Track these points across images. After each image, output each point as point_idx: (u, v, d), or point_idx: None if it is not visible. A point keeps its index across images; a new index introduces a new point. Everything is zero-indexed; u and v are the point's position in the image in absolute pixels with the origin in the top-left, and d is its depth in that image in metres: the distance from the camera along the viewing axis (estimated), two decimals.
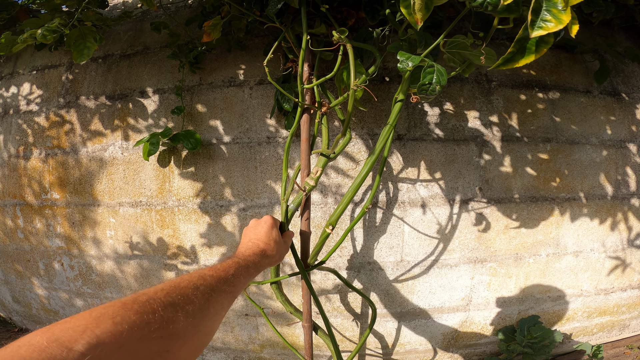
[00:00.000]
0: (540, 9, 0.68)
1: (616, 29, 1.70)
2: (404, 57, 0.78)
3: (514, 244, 1.45)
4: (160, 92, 1.53)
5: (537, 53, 0.73)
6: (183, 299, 0.42)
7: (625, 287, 1.58)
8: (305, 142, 1.04)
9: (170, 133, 1.38)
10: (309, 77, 1.08)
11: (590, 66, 1.53)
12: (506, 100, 1.40)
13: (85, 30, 1.23)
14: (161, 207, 1.49)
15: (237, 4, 1.14)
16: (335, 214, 1.02)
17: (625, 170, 1.49)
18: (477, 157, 1.37)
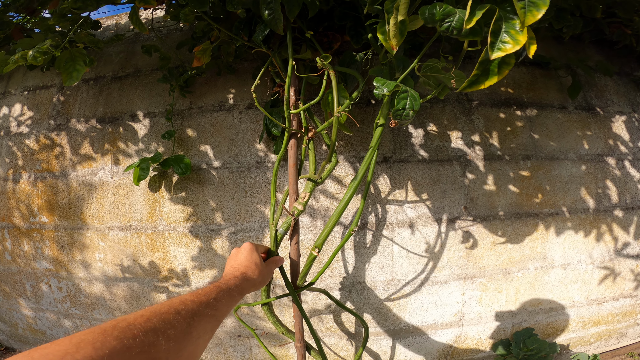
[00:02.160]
0: (499, 30, 0.72)
1: (587, 43, 1.79)
2: (380, 84, 0.82)
3: (502, 259, 1.47)
4: (151, 116, 1.55)
5: (499, 75, 0.77)
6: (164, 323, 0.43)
7: (617, 297, 1.61)
8: (292, 167, 1.07)
9: (160, 158, 1.39)
10: (296, 102, 1.11)
11: (565, 82, 1.59)
12: (486, 119, 1.45)
13: (76, 53, 1.23)
14: (151, 231, 1.49)
15: (226, 29, 1.18)
16: (320, 237, 1.03)
17: (605, 183, 1.54)
18: (461, 177, 1.41)
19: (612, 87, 1.70)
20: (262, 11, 0.98)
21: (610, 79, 1.71)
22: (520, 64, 1.62)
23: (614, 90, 1.70)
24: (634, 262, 1.60)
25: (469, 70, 0.81)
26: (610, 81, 1.71)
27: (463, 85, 0.77)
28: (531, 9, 0.69)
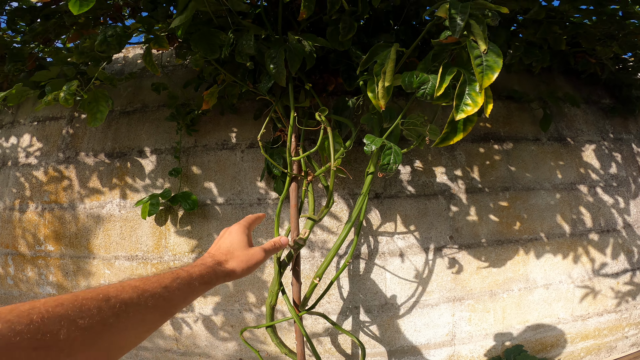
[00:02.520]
0: (463, 93, 0.87)
1: (556, 73, 1.95)
2: (369, 141, 0.95)
3: (487, 282, 1.59)
4: (158, 153, 1.64)
5: (464, 131, 0.91)
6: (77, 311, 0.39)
7: (601, 312, 1.71)
8: (294, 207, 1.19)
9: (169, 195, 1.49)
10: (296, 147, 1.23)
11: (537, 114, 1.74)
12: (468, 154, 1.59)
13: (98, 94, 1.29)
14: (157, 261, 1.56)
15: (232, 74, 1.30)
16: (321, 268, 1.15)
17: (579, 209, 1.67)
18: (446, 209, 1.54)
19: (581, 116, 1.86)
20: (267, 65, 1.10)
21: (579, 109, 1.86)
22: (496, 98, 1.78)
23: (583, 120, 1.86)
24: (614, 280, 1.72)
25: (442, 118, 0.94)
26: (579, 111, 1.86)
27: (436, 142, 0.90)
28: (487, 72, 0.84)
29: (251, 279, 1.51)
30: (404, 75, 0.91)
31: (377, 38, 1.31)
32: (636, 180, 1.83)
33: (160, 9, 1.28)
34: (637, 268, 1.75)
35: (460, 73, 0.88)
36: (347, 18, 1.17)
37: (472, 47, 0.85)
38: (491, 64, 0.85)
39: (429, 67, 0.96)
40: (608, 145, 1.83)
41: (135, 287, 0.47)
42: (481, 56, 0.84)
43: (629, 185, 1.80)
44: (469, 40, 0.86)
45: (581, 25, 1.54)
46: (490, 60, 0.85)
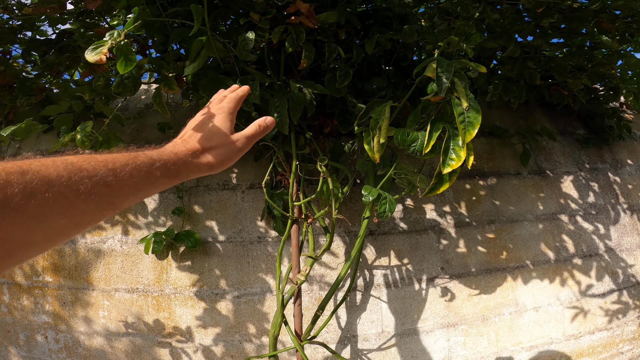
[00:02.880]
0: (448, 148, 0.97)
1: (534, 107, 2.08)
2: (367, 192, 1.04)
3: (479, 308, 1.66)
4: (160, 192, 1.71)
5: (450, 181, 1.02)
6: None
7: (593, 331, 1.78)
8: (295, 247, 1.27)
9: (173, 234, 1.54)
10: (297, 192, 1.32)
11: (518, 149, 1.86)
12: (455, 191, 1.70)
13: (111, 135, 1.33)
14: (158, 294, 1.59)
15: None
16: (324, 301, 1.24)
17: (561, 237, 1.78)
18: (436, 243, 1.63)
19: (558, 148, 1.99)
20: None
21: (556, 142, 1.99)
22: (480, 135, 1.89)
23: (560, 152, 1.99)
24: (602, 300, 1.80)
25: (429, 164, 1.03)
26: (556, 143, 1.99)
27: (425, 192, 1.00)
28: (469, 127, 0.94)
29: (252, 311, 1.56)
30: (396, 133, 1.01)
31: (370, 82, 1.41)
32: (615, 207, 1.95)
33: (171, 51, 1.36)
34: (624, 288, 1.84)
35: (446, 129, 0.99)
36: (343, 66, 1.27)
37: (456, 105, 0.96)
38: (472, 120, 0.95)
39: (418, 119, 1.06)
40: (585, 175, 1.96)
41: (69, 164, 0.35)
42: (464, 113, 0.95)
43: (607, 212, 1.92)
44: (453, 97, 0.96)
45: (553, 59, 1.66)
46: (471, 117, 0.95)
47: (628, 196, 2.01)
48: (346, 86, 1.25)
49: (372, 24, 1.37)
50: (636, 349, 1.84)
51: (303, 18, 1.18)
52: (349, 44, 1.37)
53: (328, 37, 1.29)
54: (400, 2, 1.21)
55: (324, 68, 1.28)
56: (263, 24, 1.16)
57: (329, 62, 1.23)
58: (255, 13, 1.17)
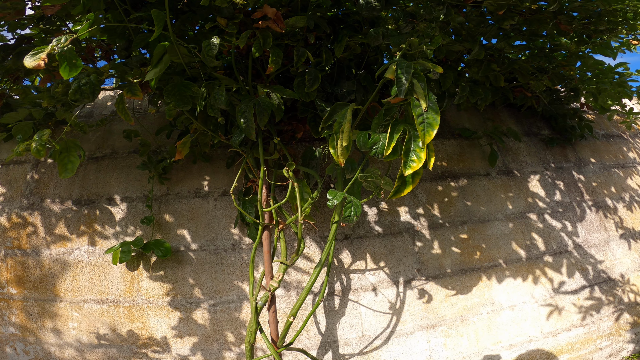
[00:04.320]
0: (409, 150, 0.97)
1: (500, 108, 2.14)
2: (332, 196, 1.04)
3: (457, 308, 1.67)
4: (129, 201, 1.64)
5: (413, 183, 1.02)
6: None
7: (569, 327, 1.81)
8: (267, 253, 1.24)
9: (141, 243, 1.49)
10: (267, 198, 1.30)
11: (486, 150, 1.91)
12: (428, 193, 1.72)
13: (70, 144, 1.25)
14: (130, 304, 1.53)
15: (204, 124, 1.34)
16: (295, 307, 1.21)
17: (531, 235, 1.83)
18: (412, 245, 1.64)
19: (524, 149, 2.06)
20: (237, 119, 1.17)
21: (522, 142, 2.05)
22: (450, 136, 1.94)
23: (527, 152, 2.06)
24: (575, 297, 1.84)
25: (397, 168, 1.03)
26: (522, 144, 2.06)
27: (390, 195, 1.00)
28: (428, 129, 0.94)
29: (229, 319, 1.52)
30: (358, 135, 1.01)
31: (340, 86, 1.42)
32: (580, 205, 2.02)
33: (135, 56, 1.32)
34: (595, 284, 1.89)
35: (406, 131, 0.99)
36: (312, 70, 1.27)
37: (415, 106, 0.96)
38: (431, 121, 0.95)
39: (382, 122, 1.06)
40: (551, 174, 2.03)
41: None
42: (422, 114, 0.95)
43: (574, 209, 1.99)
44: (413, 99, 0.97)
45: (516, 61, 1.70)
46: (430, 118, 0.95)
47: (593, 193, 2.10)
48: (315, 90, 1.25)
49: (342, 28, 1.38)
50: (615, 345, 1.87)
51: (270, 23, 1.17)
52: (319, 48, 1.37)
53: (297, 42, 1.29)
54: (367, 5, 1.22)
55: (293, 72, 1.27)
56: (230, 29, 1.15)
57: (297, 67, 1.23)
58: (222, 18, 1.16)
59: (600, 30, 1.55)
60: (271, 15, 1.17)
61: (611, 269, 1.95)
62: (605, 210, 2.07)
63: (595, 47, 1.71)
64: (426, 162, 0.94)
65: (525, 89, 1.95)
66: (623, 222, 2.09)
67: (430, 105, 0.94)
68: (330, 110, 1.06)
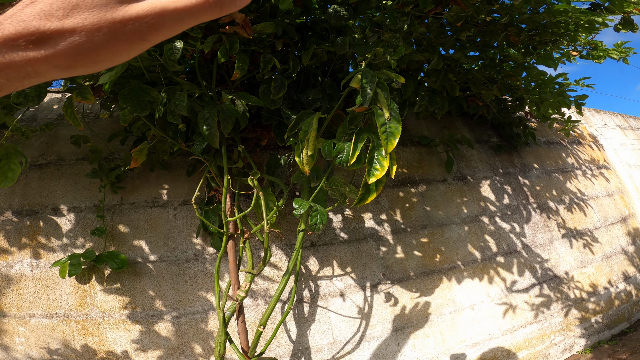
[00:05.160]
0: (373, 159, 0.99)
1: (455, 117, 2.27)
2: (298, 205, 1.03)
3: (422, 310, 1.73)
4: (77, 211, 1.52)
5: (377, 191, 1.05)
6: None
7: (525, 324, 1.92)
8: (232, 263, 1.20)
9: (93, 255, 1.38)
10: (231, 207, 1.26)
11: (443, 157, 2.02)
12: (390, 199, 1.78)
13: (10, 150, 1.14)
14: (82, 318, 1.43)
15: (162, 131, 1.27)
16: (264, 316, 1.18)
17: (485, 237, 1.95)
18: (376, 250, 1.68)
19: (476, 155, 2.20)
20: (200, 127, 1.11)
21: (475, 149, 2.20)
22: (410, 144, 2.03)
23: (479, 158, 2.20)
24: (526, 295, 1.98)
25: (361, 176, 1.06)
26: (475, 151, 2.20)
27: (355, 202, 1.02)
28: (390, 138, 0.97)
29: (195, 330, 1.45)
30: (324, 144, 1.02)
31: (306, 94, 1.42)
32: (526, 207, 2.20)
33: None
34: (543, 281, 2.05)
35: (370, 139, 1.01)
36: (279, 77, 1.26)
37: (379, 115, 0.98)
38: (393, 130, 0.97)
39: (346, 130, 1.08)
40: (499, 179, 2.19)
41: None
42: (386, 123, 0.97)
43: (520, 212, 2.16)
44: (376, 108, 0.99)
45: (470, 72, 1.81)
46: (392, 127, 0.97)
47: (537, 196, 2.29)
48: (281, 98, 1.24)
49: (310, 35, 1.39)
50: (567, 340, 2.01)
51: (238, 28, 1.15)
52: (286, 55, 1.37)
53: (264, 48, 1.28)
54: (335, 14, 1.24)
55: (258, 79, 1.26)
56: (195, 33, 1.11)
57: (264, 73, 1.22)
58: None
59: (545, 41, 1.66)
60: (239, 20, 1.15)
61: (556, 267, 2.13)
62: (548, 212, 2.27)
63: (539, 58, 1.82)
64: (389, 170, 0.97)
65: (478, 98, 2.08)
66: (565, 223, 2.30)
67: (393, 114, 0.96)
68: (296, 118, 1.06)
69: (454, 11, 1.42)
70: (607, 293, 2.24)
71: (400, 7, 1.31)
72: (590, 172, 2.73)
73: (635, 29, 1.66)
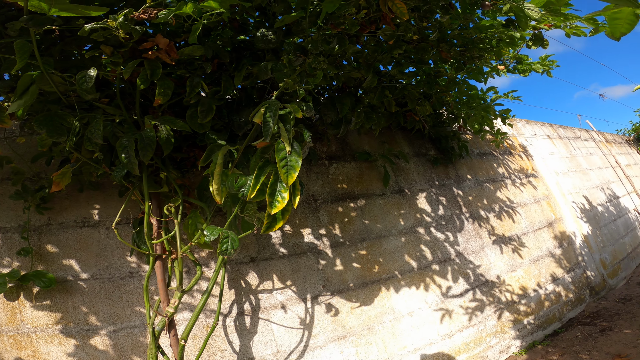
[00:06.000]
0: (275, 191, 1.02)
1: (395, 131, 2.37)
2: (209, 232, 1.07)
3: (363, 319, 1.79)
4: (2, 232, 1.46)
5: (283, 219, 1.09)
6: None
7: (462, 328, 2.03)
8: (161, 282, 1.21)
9: (18, 275, 1.35)
10: (158, 229, 1.26)
11: (382, 171, 2.11)
12: (329, 214, 1.84)
13: None
14: (14, 333, 1.40)
15: (86, 155, 1.25)
16: (185, 331, 1.20)
17: (420, 247, 2.06)
18: (316, 264, 1.74)
19: (414, 169, 2.33)
20: (119, 154, 1.08)
21: (413, 162, 2.32)
22: (351, 159, 2.11)
23: (416, 172, 2.33)
24: (461, 300, 2.10)
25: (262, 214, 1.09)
26: (412, 164, 2.32)
27: (262, 230, 1.07)
28: (290, 171, 0.99)
29: (134, 344, 1.44)
30: (228, 178, 1.05)
31: (240, 115, 1.44)
32: (459, 217, 2.35)
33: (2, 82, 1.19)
34: (476, 286, 2.19)
35: (272, 172, 1.03)
36: (207, 100, 1.26)
37: (279, 149, 0.99)
38: (293, 163, 0.99)
39: (259, 162, 1.08)
40: (435, 191, 2.33)
41: None
42: (286, 157, 0.99)
43: (454, 222, 2.31)
44: (279, 142, 1.01)
45: (406, 87, 1.88)
46: (293, 160, 0.99)
47: (469, 206, 2.45)
48: (209, 121, 1.26)
49: (246, 55, 1.40)
50: (503, 342, 2.13)
51: (161, 53, 1.16)
52: (219, 76, 1.38)
53: (194, 70, 1.29)
54: (263, 38, 1.28)
55: (185, 103, 1.26)
56: (115, 58, 1.11)
57: (190, 97, 1.23)
58: (106, 46, 1.11)
59: (474, 56, 1.77)
60: (163, 45, 1.16)
61: (488, 272, 2.28)
62: (480, 220, 2.44)
63: (470, 73, 1.93)
64: (291, 201, 1.01)
65: (414, 113, 2.18)
66: (494, 230, 2.48)
67: (295, 148, 0.99)
68: (207, 151, 1.09)
69: (386, 30, 1.50)
70: (537, 295, 2.43)
71: (332, 27, 1.37)
72: (519, 181, 2.96)
73: (546, 45, 1.78)
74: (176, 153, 1.48)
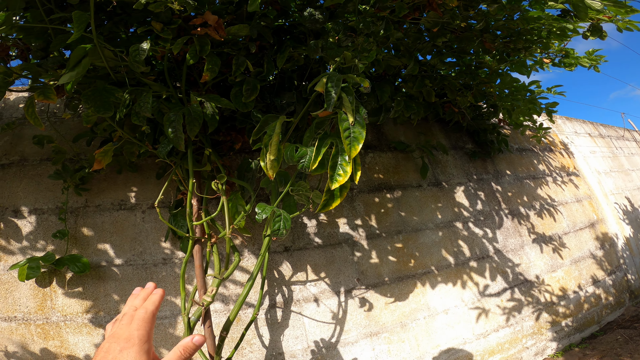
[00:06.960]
0: (336, 164, 0.96)
1: (432, 122, 2.29)
2: (260, 210, 1.01)
3: (396, 315, 1.73)
4: (39, 213, 1.46)
5: (341, 197, 1.03)
6: None
7: (497, 328, 1.95)
8: (199, 267, 1.17)
9: (53, 259, 1.33)
10: (198, 211, 1.23)
11: (418, 162, 2.03)
12: (365, 204, 1.78)
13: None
14: (43, 322, 1.38)
15: (130, 132, 1.24)
16: (227, 322, 1.15)
17: (458, 243, 1.98)
18: (351, 255, 1.67)
19: (451, 161, 2.23)
20: (165, 129, 1.07)
21: (450, 155, 2.23)
22: (387, 149, 2.04)
23: (453, 165, 2.24)
24: (498, 299, 2.01)
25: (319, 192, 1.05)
26: (450, 157, 2.23)
27: (318, 209, 1.01)
28: (354, 143, 0.93)
29: (163, 335, 1.40)
30: (286, 148, 1.00)
31: (281, 97, 1.41)
32: (498, 213, 2.24)
33: (52, 57, 1.18)
34: (514, 286, 2.09)
35: (334, 144, 0.98)
36: (251, 80, 1.23)
37: (342, 120, 0.94)
38: (357, 135, 0.94)
39: (314, 135, 1.05)
40: (473, 185, 2.23)
41: None
42: (349, 128, 0.94)
43: (493, 218, 2.20)
44: (341, 113, 0.96)
45: (446, 78, 1.81)
46: (356, 132, 0.94)
47: (508, 202, 2.34)
48: (253, 101, 1.22)
49: (287, 38, 1.36)
50: (539, 343, 2.04)
51: (210, 30, 1.13)
52: (261, 57, 1.35)
53: (238, 50, 1.26)
54: (311, 18, 1.23)
55: (230, 81, 1.23)
56: (165, 34, 1.08)
57: (236, 76, 1.20)
58: (157, 22, 1.09)
59: (518, 48, 1.68)
60: (212, 22, 1.13)
61: (527, 271, 2.18)
62: (519, 218, 2.33)
63: (513, 65, 1.83)
64: (352, 175, 0.96)
65: (453, 105, 2.10)
66: (535, 228, 2.36)
67: (357, 119, 0.93)
68: (261, 122, 1.04)
69: (431, 17, 1.43)
70: (577, 297, 2.31)
71: (377, 11, 1.32)
72: (560, 179, 2.82)
73: (604, 37, 1.67)
74: (214, 135, 1.45)
